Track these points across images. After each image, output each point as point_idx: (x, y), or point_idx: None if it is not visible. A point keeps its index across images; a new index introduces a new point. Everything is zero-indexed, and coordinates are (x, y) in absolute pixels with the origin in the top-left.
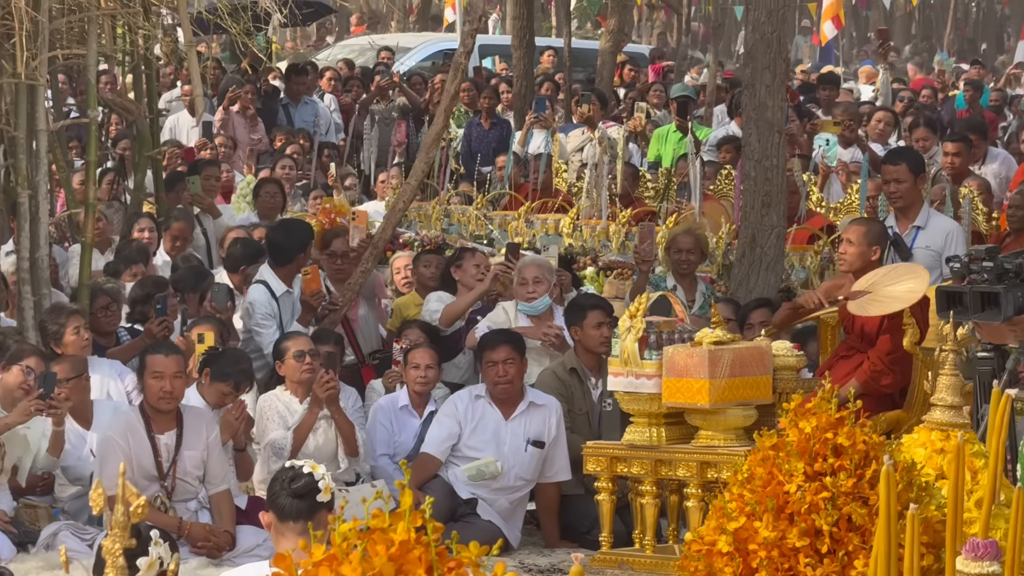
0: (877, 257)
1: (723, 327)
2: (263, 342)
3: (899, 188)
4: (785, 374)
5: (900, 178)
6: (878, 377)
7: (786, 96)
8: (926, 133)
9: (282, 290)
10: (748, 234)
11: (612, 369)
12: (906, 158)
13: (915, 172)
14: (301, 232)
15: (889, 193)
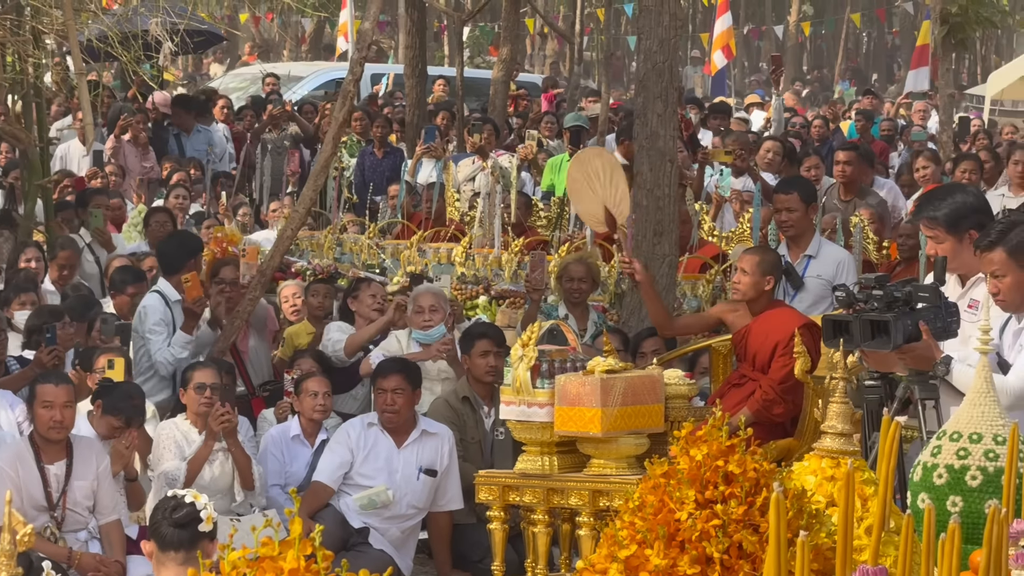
0: (771, 287)
1: (615, 356)
2: (152, 348)
3: (790, 217)
4: (677, 402)
5: (791, 207)
6: (769, 405)
7: (680, 125)
8: (816, 161)
9: (176, 298)
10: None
11: (504, 398)
12: (797, 187)
13: (806, 201)
14: (189, 242)
15: (780, 222)
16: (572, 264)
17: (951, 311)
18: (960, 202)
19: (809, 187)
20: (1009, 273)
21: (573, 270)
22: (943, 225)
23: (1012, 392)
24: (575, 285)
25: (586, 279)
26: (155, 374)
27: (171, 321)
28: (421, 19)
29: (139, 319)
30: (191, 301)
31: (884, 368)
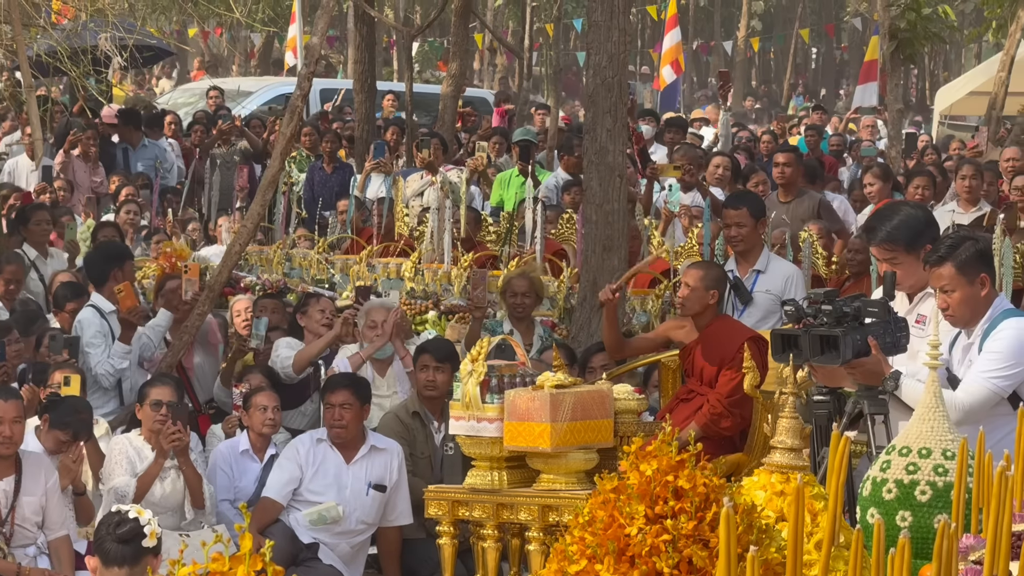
0: (715, 300)
1: (564, 371)
2: (92, 361)
3: (740, 232)
4: (626, 417)
5: (741, 222)
6: (718, 420)
7: (631, 139)
8: (764, 177)
9: (110, 309)
10: (589, 278)
11: (454, 413)
12: (747, 202)
13: (755, 216)
14: (112, 251)
15: (730, 237)
16: (515, 279)
17: (900, 326)
18: (913, 218)
19: (758, 202)
20: (958, 288)
21: (516, 285)
22: (903, 245)
23: (961, 407)
24: (518, 300)
25: (529, 294)
26: (98, 387)
27: (108, 332)
28: (370, 34)
29: (76, 334)
30: (126, 311)
31: (833, 383)
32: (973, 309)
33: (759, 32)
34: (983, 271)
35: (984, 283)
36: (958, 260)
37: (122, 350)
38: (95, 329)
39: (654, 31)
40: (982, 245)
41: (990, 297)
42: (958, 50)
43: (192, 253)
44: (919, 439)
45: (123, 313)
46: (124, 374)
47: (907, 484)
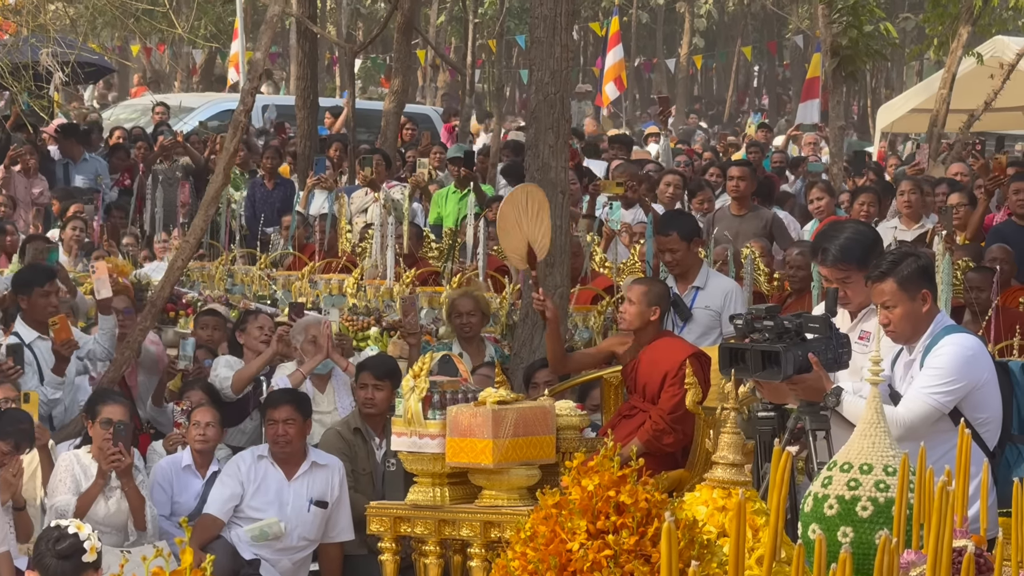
0: (657, 317)
1: (507, 387)
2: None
3: (674, 257)
4: (569, 434)
5: (673, 247)
6: (660, 436)
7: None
8: (709, 195)
9: (32, 336)
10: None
11: (395, 429)
12: (676, 226)
13: (687, 238)
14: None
15: (666, 262)
16: (459, 299)
17: (842, 342)
18: (862, 235)
19: (688, 223)
20: (899, 304)
21: (460, 305)
22: (856, 264)
23: (902, 423)
24: (464, 320)
25: (475, 312)
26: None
27: (32, 361)
28: (313, 50)
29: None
30: (59, 343)
31: (778, 400)
32: (914, 325)
33: (701, 49)
34: (925, 287)
35: (926, 299)
36: (900, 276)
37: (55, 381)
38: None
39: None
40: (924, 261)
41: (932, 313)
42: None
43: (133, 270)
44: (860, 455)
45: (56, 345)
46: (55, 405)
47: (848, 500)
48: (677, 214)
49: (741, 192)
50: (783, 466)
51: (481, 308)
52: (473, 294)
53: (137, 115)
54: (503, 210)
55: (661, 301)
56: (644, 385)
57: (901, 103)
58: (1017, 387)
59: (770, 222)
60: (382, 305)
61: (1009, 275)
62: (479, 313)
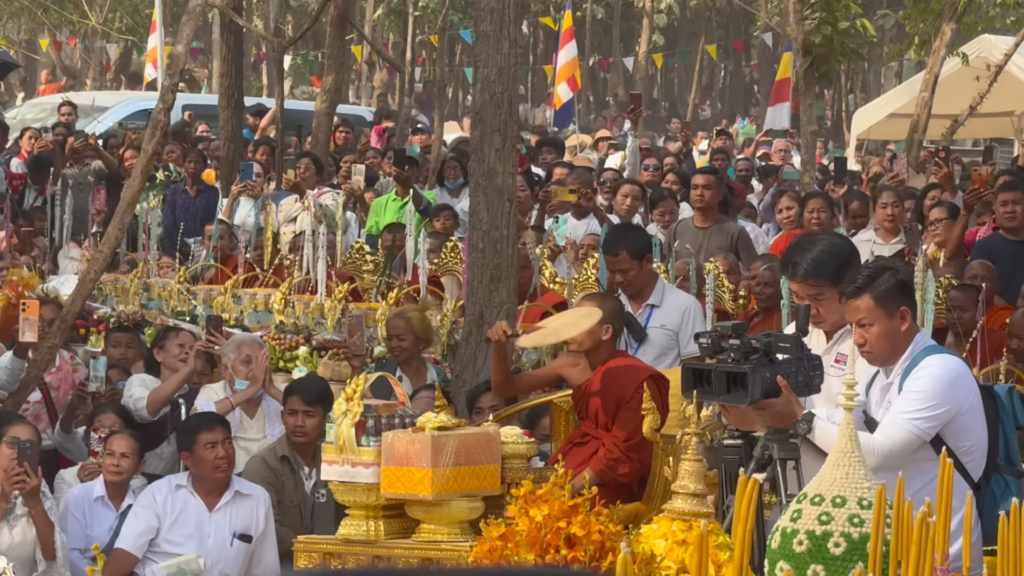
0: (609, 336)
1: (448, 411)
2: None
3: (625, 277)
4: (515, 463)
5: (623, 267)
6: (614, 465)
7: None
8: (671, 205)
9: None
10: (475, 311)
11: (326, 457)
12: (624, 244)
13: (637, 256)
14: None
15: (617, 283)
16: (391, 320)
17: (814, 364)
18: (836, 248)
19: (638, 239)
20: (876, 322)
21: (391, 326)
22: (829, 280)
23: (879, 452)
24: (394, 343)
25: (406, 335)
26: None
27: None
28: (238, 45)
29: None
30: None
31: (745, 426)
32: (892, 345)
33: (662, 48)
34: (904, 304)
35: (904, 317)
36: (877, 291)
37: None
38: None
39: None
40: (903, 276)
41: (911, 332)
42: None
43: (40, 283)
44: (833, 486)
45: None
46: None
47: (819, 535)
48: (624, 230)
49: (706, 202)
50: (749, 496)
51: (413, 330)
52: (406, 315)
53: (45, 114)
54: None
55: (614, 319)
56: (597, 410)
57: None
58: (1004, 413)
59: (736, 236)
60: (311, 323)
61: (992, 292)
62: (411, 336)
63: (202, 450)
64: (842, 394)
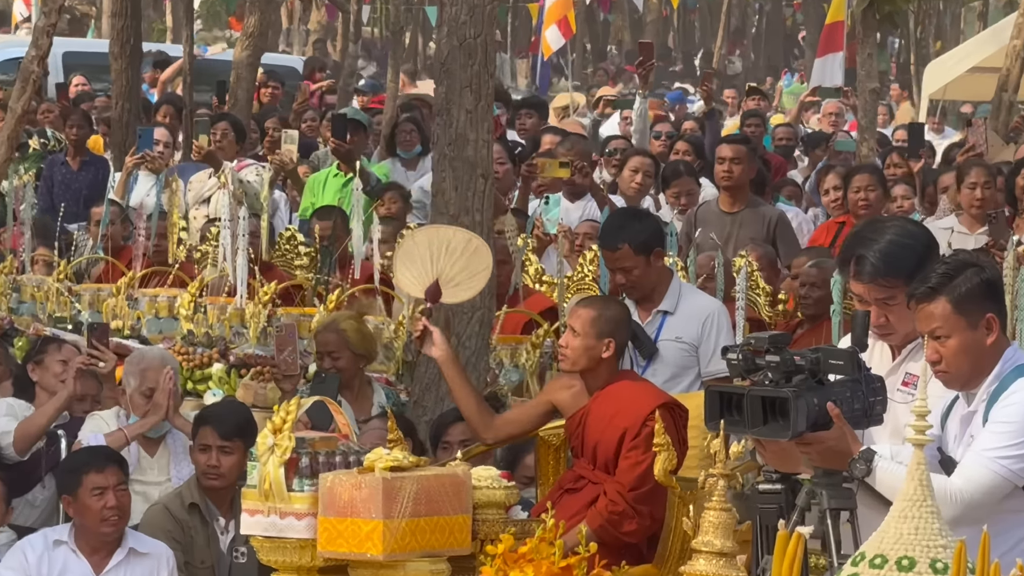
0: (611, 353)
1: (404, 446)
2: None
3: (628, 278)
4: (490, 514)
5: (625, 265)
6: (618, 521)
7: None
8: (689, 185)
9: None
10: (440, 318)
11: (247, 505)
12: (626, 235)
13: (644, 251)
14: None
15: (619, 285)
16: (320, 334)
17: (874, 388)
18: (910, 238)
19: (644, 228)
20: (954, 333)
21: (320, 342)
22: (904, 279)
23: (959, 499)
24: (326, 363)
25: (340, 352)
26: None
27: None
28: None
29: None
30: None
31: (786, 467)
32: (975, 362)
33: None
34: (990, 310)
35: (991, 327)
36: (955, 294)
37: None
38: None
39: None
40: (989, 275)
41: (999, 347)
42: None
43: None
44: (898, 545)
45: None
46: None
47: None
48: (626, 217)
49: (735, 180)
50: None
51: (350, 345)
52: (338, 326)
53: None
54: (414, 237)
55: (617, 330)
56: (595, 446)
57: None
58: None
59: (774, 223)
60: (229, 333)
61: None
62: (347, 352)
63: (88, 496)
64: (911, 426)
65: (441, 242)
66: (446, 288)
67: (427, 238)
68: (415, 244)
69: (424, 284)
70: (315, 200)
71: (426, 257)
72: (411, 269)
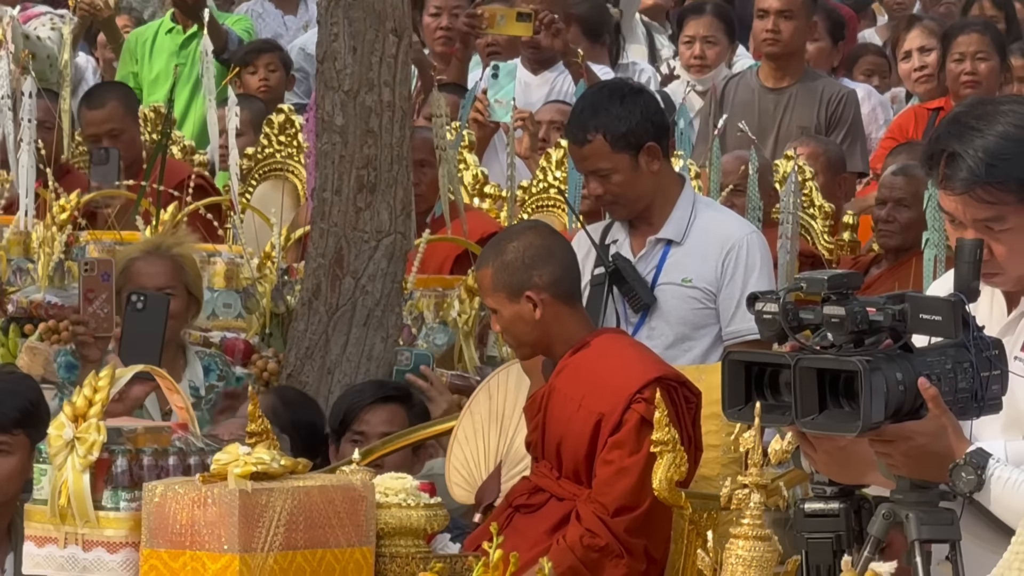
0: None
1: (271, 439)
2: None
3: (606, 186)
4: (402, 545)
5: (600, 167)
6: (599, 561)
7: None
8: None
9: None
10: (329, 247)
11: (33, 530)
12: (602, 124)
13: (630, 145)
14: None
15: (595, 197)
16: (139, 261)
17: (989, 357)
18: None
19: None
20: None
21: (141, 274)
22: (1017, 192)
23: None
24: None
25: (174, 285)
26: None
27: None
28: None
29: None
30: None
31: (847, 476)
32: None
33: None
34: None
35: None
36: None
37: None
38: None
39: None
40: None
41: None
42: None
43: None
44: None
45: None
46: None
47: None
48: (604, 95)
49: (784, 42)
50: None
51: (183, 279)
52: (171, 251)
53: None
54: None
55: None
56: (559, 444)
57: None
58: None
59: (839, 104)
60: (5, 269)
61: None
62: (181, 288)
63: None
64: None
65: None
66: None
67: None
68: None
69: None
70: (137, 68)
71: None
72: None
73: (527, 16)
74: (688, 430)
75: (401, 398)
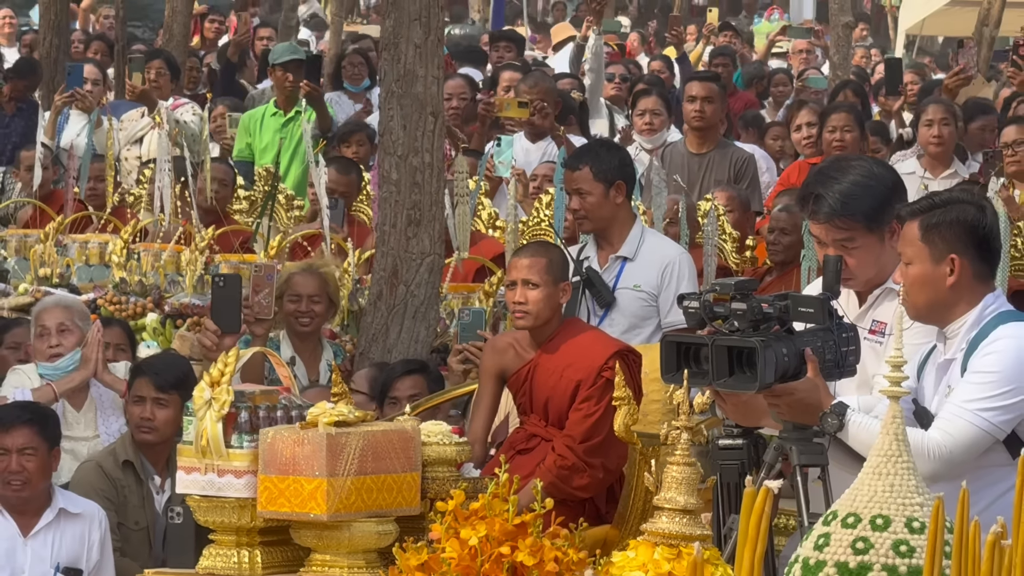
0: (568, 297)
1: (348, 400)
2: None
3: (582, 204)
4: (440, 471)
5: (582, 187)
6: (568, 476)
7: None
8: (656, 104)
9: None
10: (387, 265)
11: (183, 462)
12: (590, 159)
13: (606, 180)
14: None
15: (572, 211)
16: (297, 275)
17: (847, 337)
18: (874, 179)
19: (611, 157)
20: (916, 260)
21: (299, 284)
22: (863, 220)
23: (937, 455)
24: (303, 307)
25: (320, 297)
26: None
27: None
28: None
29: None
30: None
31: (748, 421)
32: (931, 298)
33: None
34: (956, 251)
35: (953, 268)
36: (927, 222)
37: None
38: None
39: None
40: (971, 217)
41: (964, 290)
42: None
43: None
44: (872, 503)
45: None
46: None
47: (854, 568)
48: (596, 144)
49: (707, 120)
50: (759, 513)
51: (328, 291)
52: (319, 270)
53: None
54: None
55: (565, 273)
56: (546, 402)
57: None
58: None
59: (743, 165)
60: (164, 281)
61: None
62: (324, 299)
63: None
64: (886, 377)
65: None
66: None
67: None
68: None
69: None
70: (251, 140)
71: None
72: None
73: (525, 104)
74: (636, 386)
75: (420, 370)
